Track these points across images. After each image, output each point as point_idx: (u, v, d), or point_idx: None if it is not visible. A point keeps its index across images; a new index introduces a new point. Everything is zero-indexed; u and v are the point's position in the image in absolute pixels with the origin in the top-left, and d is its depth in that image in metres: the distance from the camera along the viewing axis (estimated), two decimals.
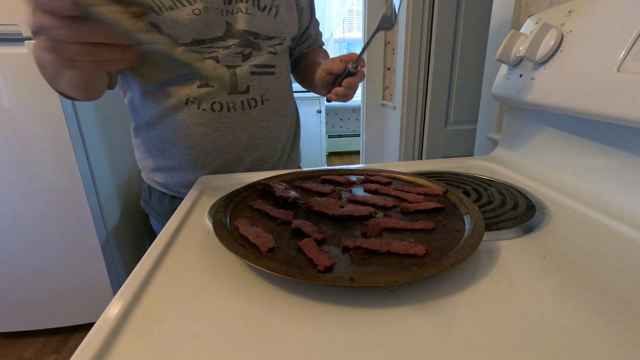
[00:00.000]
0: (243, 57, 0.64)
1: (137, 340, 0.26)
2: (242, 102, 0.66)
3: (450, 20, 1.62)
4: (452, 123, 1.80)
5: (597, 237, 0.38)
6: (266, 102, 0.68)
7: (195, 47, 0.61)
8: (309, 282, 0.29)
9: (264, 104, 0.68)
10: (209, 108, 0.63)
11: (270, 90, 0.69)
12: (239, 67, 0.64)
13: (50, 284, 1.31)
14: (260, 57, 0.66)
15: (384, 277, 0.29)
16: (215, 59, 0.62)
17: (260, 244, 0.35)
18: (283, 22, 0.68)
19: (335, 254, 0.33)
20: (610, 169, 0.47)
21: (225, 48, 0.62)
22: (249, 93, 0.66)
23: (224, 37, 0.62)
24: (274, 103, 0.70)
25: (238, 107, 0.65)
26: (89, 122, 1.28)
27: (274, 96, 0.70)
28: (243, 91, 0.66)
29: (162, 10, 0.57)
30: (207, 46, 0.62)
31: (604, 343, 0.24)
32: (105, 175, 1.38)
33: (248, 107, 0.66)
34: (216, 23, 0.61)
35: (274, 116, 0.70)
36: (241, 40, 0.63)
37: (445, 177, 0.58)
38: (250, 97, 0.66)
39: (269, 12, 0.65)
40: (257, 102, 0.67)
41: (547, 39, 0.54)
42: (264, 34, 0.66)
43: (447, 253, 0.33)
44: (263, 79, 0.67)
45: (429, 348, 0.24)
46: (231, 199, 0.46)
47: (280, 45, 0.69)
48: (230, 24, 0.62)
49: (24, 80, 1.09)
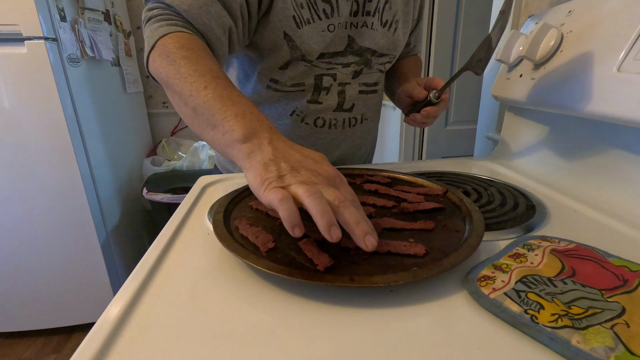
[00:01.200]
0: (354, 75, 0.62)
1: (137, 340, 0.26)
2: (344, 120, 0.64)
3: (450, 20, 1.62)
4: (452, 123, 1.80)
5: (597, 237, 0.38)
6: (365, 122, 0.67)
7: (316, 62, 0.58)
8: (309, 282, 0.29)
9: (362, 122, 0.67)
10: (312, 123, 0.62)
11: (372, 109, 0.67)
12: (349, 85, 0.62)
13: (50, 284, 1.31)
14: (371, 76, 0.63)
15: (384, 277, 0.29)
16: (333, 77, 0.60)
17: (260, 244, 0.35)
18: (398, 39, 0.63)
19: (335, 254, 0.33)
20: (610, 169, 0.47)
21: (344, 66, 0.60)
22: (352, 112, 0.64)
23: (344, 53, 0.59)
24: (371, 122, 0.69)
25: (339, 124, 0.64)
26: (89, 122, 1.29)
27: (372, 115, 0.68)
28: (348, 109, 0.64)
29: (300, 26, 0.53)
30: (327, 61, 0.58)
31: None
32: (105, 175, 1.38)
33: (348, 125, 0.65)
34: (339, 37, 0.57)
35: (368, 135, 0.69)
36: (360, 59, 0.60)
37: (445, 177, 0.58)
38: (353, 115, 0.65)
39: (389, 28, 0.61)
40: (357, 120, 0.66)
41: (547, 39, 0.54)
42: (380, 52, 0.62)
43: (447, 253, 0.33)
44: (368, 98, 0.65)
45: (429, 348, 0.24)
46: (231, 199, 0.46)
47: (389, 63, 0.66)
48: (353, 39, 0.58)
49: (24, 80, 1.09)
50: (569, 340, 0.23)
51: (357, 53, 0.59)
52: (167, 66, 0.42)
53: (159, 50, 0.44)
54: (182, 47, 0.43)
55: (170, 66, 0.42)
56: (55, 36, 1.11)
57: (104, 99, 1.41)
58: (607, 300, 0.25)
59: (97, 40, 1.34)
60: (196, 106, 0.39)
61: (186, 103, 0.40)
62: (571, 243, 0.34)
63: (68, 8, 1.19)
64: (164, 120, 1.90)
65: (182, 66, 0.41)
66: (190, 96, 0.39)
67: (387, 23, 0.60)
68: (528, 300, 0.26)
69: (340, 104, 0.62)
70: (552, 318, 0.24)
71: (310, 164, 0.33)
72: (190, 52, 0.42)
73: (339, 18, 0.55)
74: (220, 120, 0.37)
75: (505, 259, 0.32)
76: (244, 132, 0.35)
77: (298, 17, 0.52)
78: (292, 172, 0.32)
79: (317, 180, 0.32)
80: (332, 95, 0.62)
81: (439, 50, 1.66)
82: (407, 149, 1.81)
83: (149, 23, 0.47)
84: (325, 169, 0.34)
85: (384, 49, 0.62)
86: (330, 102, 0.62)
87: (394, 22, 0.61)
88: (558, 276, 0.29)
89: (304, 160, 0.33)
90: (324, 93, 0.61)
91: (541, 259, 0.31)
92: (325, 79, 0.60)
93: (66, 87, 1.17)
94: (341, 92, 0.62)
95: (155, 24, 0.45)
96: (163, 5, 0.46)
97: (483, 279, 0.30)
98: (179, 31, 0.44)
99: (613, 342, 0.22)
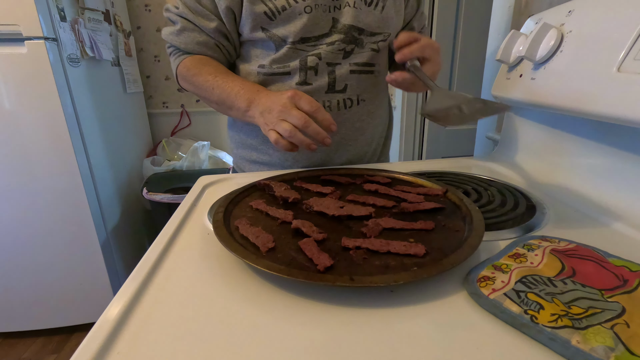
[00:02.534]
0: (345, 54, 0.62)
1: (137, 340, 0.26)
2: (338, 101, 0.64)
3: (450, 20, 1.62)
4: None
5: (597, 237, 0.38)
6: (362, 103, 0.67)
7: (301, 45, 0.60)
8: (309, 282, 0.29)
9: (359, 104, 0.66)
10: None
11: (368, 90, 0.67)
12: (339, 65, 0.62)
13: (50, 284, 1.31)
14: (362, 55, 0.64)
15: (384, 277, 0.29)
16: (318, 56, 0.61)
17: (260, 244, 0.35)
18: (389, 17, 0.64)
19: (335, 254, 0.33)
20: (610, 169, 0.47)
21: (329, 44, 0.61)
22: (346, 92, 0.64)
23: (329, 33, 0.61)
24: (369, 104, 0.68)
25: (334, 106, 0.64)
26: (89, 122, 1.29)
27: (370, 96, 0.68)
28: (340, 90, 0.64)
29: (275, 16, 0.58)
30: (312, 44, 0.61)
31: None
32: (105, 175, 1.38)
33: (344, 107, 0.65)
34: (323, 20, 0.60)
35: (368, 118, 0.69)
36: (345, 36, 0.61)
37: (445, 177, 0.58)
38: (347, 96, 0.65)
39: (375, 6, 0.62)
40: (353, 102, 0.66)
41: (547, 39, 0.54)
42: (369, 30, 0.63)
43: (447, 253, 0.33)
44: (362, 78, 0.65)
45: (429, 348, 0.24)
46: (231, 199, 0.46)
47: (383, 42, 0.66)
48: (337, 19, 0.61)
49: (24, 80, 1.09)
50: (569, 340, 0.23)
51: (342, 31, 0.61)
52: (188, 85, 0.66)
53: (180, 77, 0.67)
54: (189, 68, 0.63)
55: (189, 85, 0.65)
56: (55, 36, 1.11)
57: (104, 99, 1.40)
58: (607, 300, 0.25)
59: (97, 40, 1.34)
60: (217, 101, 0.62)
61: (210, 101, 0.64)
62: (571, 243, 0.34)
63: (68, 8, 1.19)
64: (164, 120, 1.90)
65: (195, 82, 0.63)
66: (211, 97, 0.62)
67: (373, 2, 0.61)
68: (528, 300, 0.26)
69: (331, 85, 0.63)
70: (552, 318, 0.24)
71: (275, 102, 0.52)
72: (195, 70, 0.63)
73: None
74: (231, 104, 0.59)
75: (505, 259, 0.32)
76: (246, 104, 0.57)
77: (269, 10, 0.58)
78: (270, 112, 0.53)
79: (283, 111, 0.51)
80: (321, 76, 0.62)
81: None
82: (407, 149, 1.81)
83: (170, 56, 0.69)
84: (285, 95, 0.51)
85: (373, 27, 0.63)
86: (320, 83, 0.63)
87: (380, 0, 0.62)
88: (558, 276, 0.29)
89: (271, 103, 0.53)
90: (311, 73, 0.62)
91: (541, 259, 0.31)
92: (310, 59, 0.61)
93: (66, 87, 1.17)
94: (331, 72, 0.62)
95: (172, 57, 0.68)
96: (173, 46, 0.67)
97: (483, 279, 0.30)
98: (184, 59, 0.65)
99: (613, 342, 0.22)
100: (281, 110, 0.50)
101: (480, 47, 1.62)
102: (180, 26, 0.63)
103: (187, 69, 0.63)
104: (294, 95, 0.50)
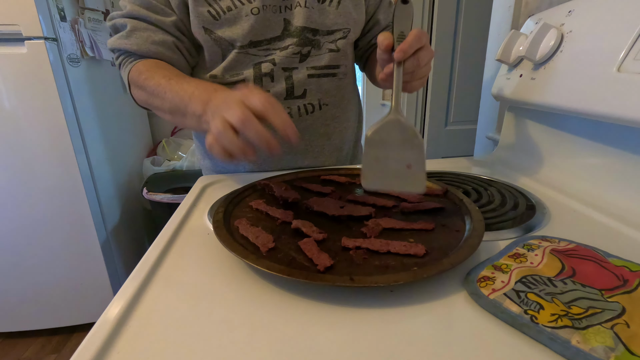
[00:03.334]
0: (301, 58, 0.59)
1: (137, 340, 0.26)
2: (298, 107, 0.61)
3: (450, 20, 1.62)
4: (452, 123, 1.80)
5: (597, 237, 0.38)
6: (324, 107, 0.63)
7: (252, 50, 0.57)
8: (309, 282, 0.29)
9: (322, 109, 0.63)
10: None
11: (330, 94, 0.63)
12: (296, 70, 0.59)
13: (50, 284, 1.31)
14: (320, 58, 0.60)
15: (384, 277, 0.29)
16: (272, 62, 0.58)
17: (260, 244, 0.35)
18: (347, 12, 0.60)
19: (335, 254, 0.33)
20: (610, 169, 0.47)
21: (282, 49, 0.58)
22: (306, 97, 0.61)
23: (282, 37, 0.57)
24: (333, 108, 0.64)
25: (294, 113, 0.61)
26: (89, 122, 1.28)
27: (333, 100, 0.64)
28: (300, 95, 0.61)
29: (219, 16, 0.54)
30: (264, 48, 0.57)
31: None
32: (105, 175, 1.38)
33: (305, 112, 0.61)
34: (273, 22, 0.56)
35: (334, 122, 0.65)
36: (299, 39, 0.58)
37: (445, 177, 0.58)
38: (308, 102, 0.61)
39: (330, 3, 0.58)
40: (315, 107, 0.62)
41: (547, 39, 0.54)
42: (324, 29, 0.59)
43: (447, 253, 0.33)
44: (322, 82, 0.62)
45: (429, 348, 0.24)
46: (231, 199, 0.46)
47: (343, 39, 0.61)
48: (288, 21, 0.57)
49: (24, 80, 1.09)
50: (569, 340, 0.23)
51: (295, 34, 0.58)
52: (140, 92, 0.55)
53: (132, 85, 0.56)
54: (141, 72, 0.54)
55: (142, 91, 0.54)
56: (55, 36, 1.11)
57: (104, 99, 1.40)
58: (607, 300, 0.25)
59: (97, 40, 1.34)
60: (169, 109, 0.51)
61: (164, 111, 0.53)
62: (571, 243, 0.34)
63: (68, 8, 1.19)
64: (164, 120, 1.90)
65: (146, 87, 0.53)
66: (163, 104, 0.51)
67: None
68: (528, 300, 0.26)
69: (289, 90, 0.60)
70: (552, 318, 0.24)
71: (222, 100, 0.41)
72: (148, 73, 0.53)
73: (261, 0, 0.55)
74: (184, 108, 0.47)
75: (505, 259, 0.32)
76: (201, 106, 0.45)
77: (214, 9, 0.54)
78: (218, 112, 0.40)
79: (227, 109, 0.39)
80: (278, 82, 0.59)
81: (439, 50, 1.66)
82: None
83: (121, 68, 0.58)
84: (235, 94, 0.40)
85: (329, 25, 0.59)
86: (277, 90, 0.59)
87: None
88: (558, 276, 0.29)
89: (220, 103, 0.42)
90: (267, 80, 0.59)
91: (541, 259, 0.31)
92: (264, 65, 0.58)
93: (66, 87, 1.16)
94: (288, 77, 0.59)
95: (122, 68, 0.58)
96: (122, 51, 0.57)
97: (483, 279, 0.30)
98: (137, 63, 0.56)
99: (613, 342, 0.22)
100: (221, 107, 0.40)
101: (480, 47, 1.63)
102: (130, 27, 0.55)
103: (139, 72, 0.54)
104: (247, 91, 0.40)
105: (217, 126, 0.38)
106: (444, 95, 1.74)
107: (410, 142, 0.39)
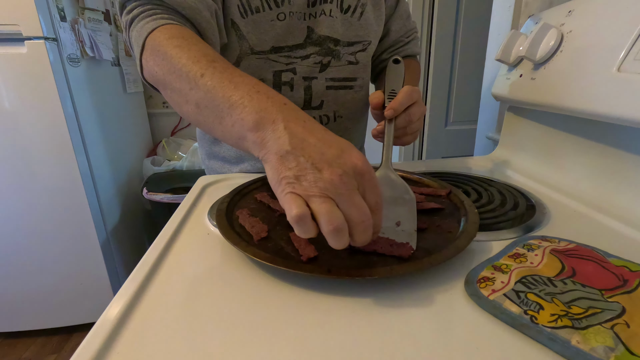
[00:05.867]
0: (321, 67, 0.58)
1: (137, 340, 0.26)
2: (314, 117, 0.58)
3: (450, 20, 1.62)
4: (452, 123, 1.80)
5: (597, 237, 0.38)
6: (339, 119, 0.63)
7: (273, 55, 0.55)
8: (289, 270, 0.30)
9: (336, 120, 0.62)
10: None
11: (345, 107, 0.63)
12: (315, 80, 0.58)
13: (50, 284, 1.31)
14: (339, 69, 0.60)
15: (360, 270, 0.30)
16: (293, 71, 0.57)
17: (254, 233, 0.37)
18: (368, 24, 0.59)
19: (322, 247, 0.33)
20: (610, 169, 0.47)
21: (304, 58, 0.57)
22: (322, 109, 0.61)
23: (304, 45, 0.56)
24: (346, 120, 0.64)
25: None
26: (89, 122, 1.28)
27: (347, 112, 0.64)
28: (317, 106, 0.60)
29: (246, 14, 0.52)
30: (285, 54, 0.56)
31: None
32: (105, 175, 1.38)
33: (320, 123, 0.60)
34: (297, 29, 0.55)
35: (345, 134, 0.64)
36: (321, 48, 0.57)
37: (445, 177, 0.58)
38: (323, 113, 0.61)
39: (352, 13, 0.57)
40: (330, 118, 0.62)
41: (547, 39, 0.54)
42: (345, 40, 0.58)
43: (432, 253, 0.33)
44: (339, 94, 0.61)
45: (429, 349, 0.24)
46: (239, 190, 0.48)
47: (363, 52, 0.61)
48: (312, 29, 0.56)
49: (24, 80, 1.09)
50: (569, 340, 0.23)
51: (317, 43, 0.56)
52: (161, 62, 0.39)
53: (150, 49, 0.41)
54: (173, 37, 0.40)
55: (164, 61, 0.39)
56: (55, 36, 1.11)
57: (104, 99, 1.40)
58: (607, 300, 0.25)
59: (97, 40, 1.34)
60: (198, 100, 0.35)
61: (187, 100, 0.37)
62: (571, 243, 0.34)
63: (68, 8, 1.19)
64: (164, 120, 1.90)
65: (175, 57, 0.37)
66: (190, 89, 0.36)
67: (350, 8, 0.57)
68: (528, 300, 0.26)
69: (307, 101, 0.59)
70: (552, 318, 0.24)
71: (333, 155, 0.28)
72: (182, 41, 0.39)
73: (290, 7, 0.53)
74: (227, 110, 0.32)
75: (505, 259, 0.32)
76: (254, 118, 0.30)
77: (242, 6, 0.51)
78: (314, 171, 0.27)
79: (341, 189, 0.27)
80: (297, 92, 0.59)
81: (439, 50, 1.66)
82: (407, 149, 1.80)
83: (133, 25, 0.43)
84: (352, 161, 0.28)
85: (352, 37, 0.58)
86: (295, 100, 0.58)
87: (359, 6, 0.57)
88: (558, 276, 0.29)
89: (326, 151, 0.28)
90: (286, 89, 0.58)
91: (541, 259, 0.31)
92: (285, 75, 0.57)
93: (66, 87, 1.16)
94: (307, 87, 0.58)
95: (139, 23, 0.42)
96: (144, 1, 0.43)
97: (482, 280, 0.30)
98: (166, 24, 0.41)
99: (613, 342, 0.22)
100: (337, 184, 0.27)
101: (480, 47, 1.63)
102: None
103: (171, 36, 0.40)
104: (362, 169, 0.29)
105: (333, 217, 0.27)
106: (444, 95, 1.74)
107: (402, 198, 0.39)
